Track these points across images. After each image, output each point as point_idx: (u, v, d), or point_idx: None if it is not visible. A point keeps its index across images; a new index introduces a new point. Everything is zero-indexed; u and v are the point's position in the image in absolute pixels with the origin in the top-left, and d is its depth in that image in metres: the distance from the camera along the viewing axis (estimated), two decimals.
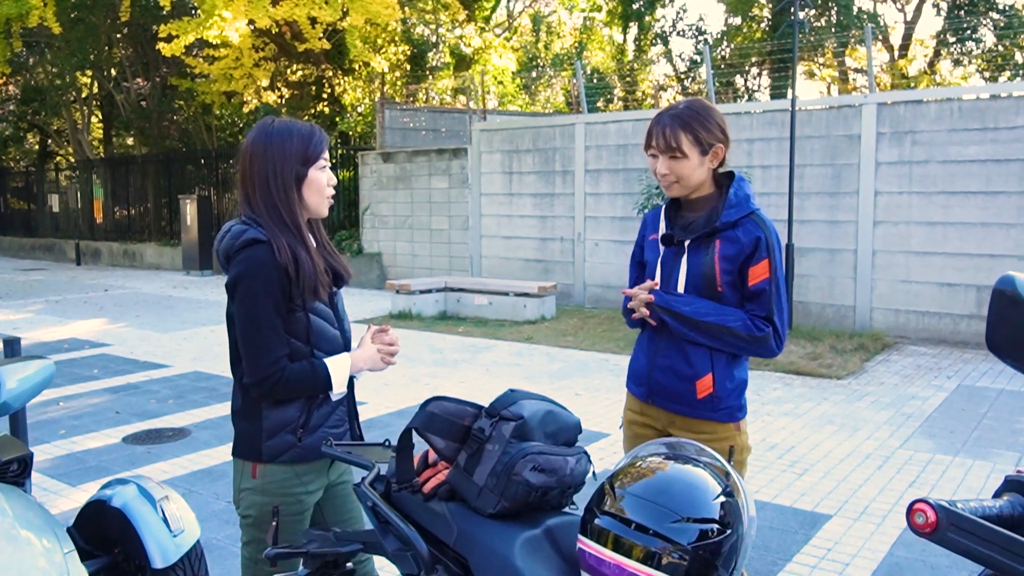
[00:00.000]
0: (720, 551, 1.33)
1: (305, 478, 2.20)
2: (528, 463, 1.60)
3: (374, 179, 14.65)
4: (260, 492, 2.18)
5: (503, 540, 1.55)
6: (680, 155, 2.28)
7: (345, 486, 2.38)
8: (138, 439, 5.69)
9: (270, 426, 2.17)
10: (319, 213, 2.23)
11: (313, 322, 2.17)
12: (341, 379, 2.19)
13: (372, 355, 2.27)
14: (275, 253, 2.08)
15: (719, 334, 2.26)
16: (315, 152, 2.17)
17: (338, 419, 2.25)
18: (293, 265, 2.09)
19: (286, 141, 2.15)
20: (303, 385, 2.14)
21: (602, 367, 7.95)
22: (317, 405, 2.20)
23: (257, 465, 2.18)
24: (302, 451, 2.17)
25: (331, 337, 2.22)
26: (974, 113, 8.88)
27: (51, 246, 22.00)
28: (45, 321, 10.99)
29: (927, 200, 9.18)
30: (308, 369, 2.14)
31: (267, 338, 2.10)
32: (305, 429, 2.17)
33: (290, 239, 2.12)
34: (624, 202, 11.44)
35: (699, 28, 23.14)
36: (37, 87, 22.30)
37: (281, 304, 2.11)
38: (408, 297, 11.02)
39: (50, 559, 2.27)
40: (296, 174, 2.15)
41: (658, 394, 2.40)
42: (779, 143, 9.71)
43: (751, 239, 2.28)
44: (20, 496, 2.61)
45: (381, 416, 6.23)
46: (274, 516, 2.12)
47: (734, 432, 2.37)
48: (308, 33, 14.92)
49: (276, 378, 2.10)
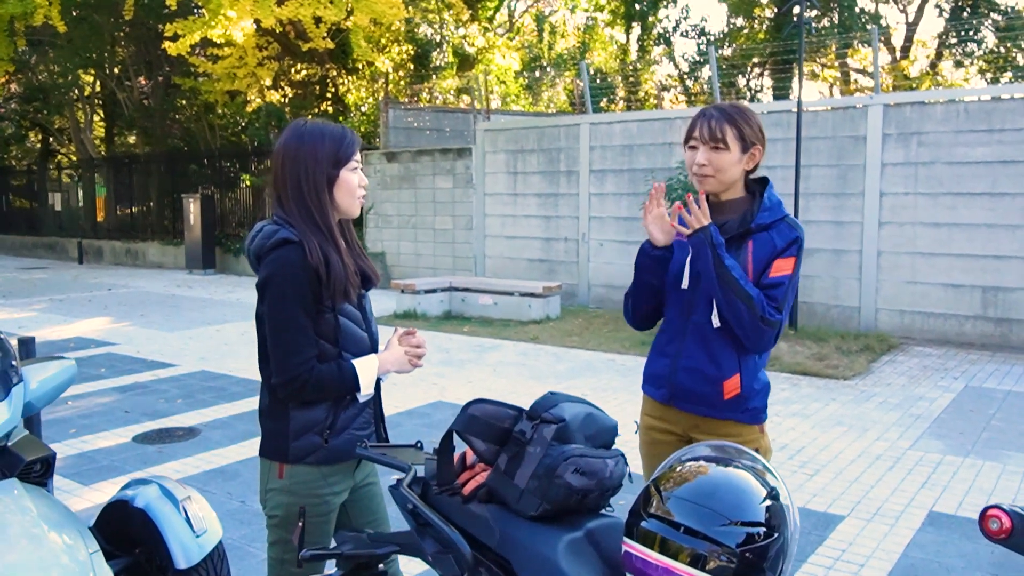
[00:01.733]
0: (767, 554, 1.34)
1: (331, 479, 2.21)
2: (570, 466, 1.61)
3: (378, 179, 14.66)
4: (286, 493, 2.18)
5: (547, 542, 1.56)
6: (723, 147, 2.29)
7: (370, 488, 2.39)
8: (148, 439, 5.69)
9: (297, 427, 2.17)
10: (350, 214, 2.25)
11: (342, 324, 2.18)
12: (368, 381, 2.19)
13: (399, 357, 2.28)
14: (306, 254, 2.09)
15: (740, 297, 2.22)
16: (346, 154, 2.18)
17: (364, 421, 2.26)
18: (324, 267, 2.10)
19: (318, 143, 2.15)
20: (330, 386, 2.14)
21: (608, 367, 7.96)
22: (344, 407, 2.20)
23: (284, 466, 2.19)
24: (328, 453, 2.18)
25: (359, 339, 2.23)
26: (980, 115, 8.90)
27: (53, 245, 22.00)
28: (50, 320, 10.99)
29: (933, 201, 9.19)
30: (336, 371, 2.14)
31: (296, 339, 2.10)
32: (332, 430, 2.17)
33: (321, 240, 2.13)
34: (629, 202, 11.44)
35: (702, 29, 23.14)
36: (40, 86, 22.28)
37: (311, 305, 2.11)
38: (413, 297, 11.03)
39: (74, 558, 2.28)
40: (328, 176, 2.16)
41: (681, 396, 2.38)
42: (784, 144, 9.71)
43: (786, 239, 2.30)
44: (44, 496, 2.62)
45: (390, 416, 6.22)
46: (300, 517, 2.12)
47: (758, 435, 2.37)
48: (312, 32, 14.91)
49: (304, 379, 2.10)
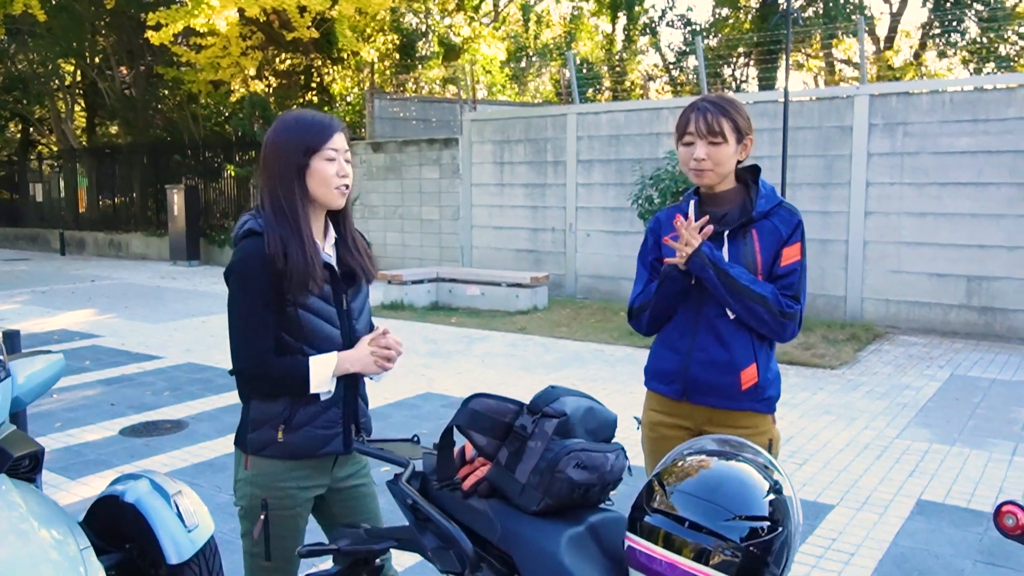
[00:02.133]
0: (771, 548, 1.33)
1: (297, 474, 2.16)
2: (571, 460, 1.60)
3: (364, 169, 14.58)
4: (250, 484, 2.17)
5: (549, 537, 1.55)
6: (721, 140, 2.28)
7: (357, 489, 2.31)
8: (136, 432, 5.65)
9: (256, 418, 2.15)
10: (330, 204, 2.16)
11: (304, 318, 2.10)
12: (321, 379, 2.10)
13: (363, 356, 2.15)
14: (266, 245, 2.06)
15: (755, 301, 2.22)
16: (317, 141, 2.09)
17: (329, 420, 2.17)
18: (282, 258, 2.05)
19: (291, 131, 2.11)
20: (281, 381, 2.10)
21: (597, 358, 7.97)
22: (304, 403, 2.12)
23: (248, 456, 2.18)
24: (283, 448, 2.13)
25: (326, 335, 2.14)
26: (965, 105, 8.94)
27: (35, 236, 21.77)
28: (33, 312, 10.88)
29: (918, 191, 9.24)
30: (288, 366, 2.09)
31: (249, 330, 2.07)
32: (287, 426, 2.12)
33: (284, 231, 2.08)
34: (616, 192, 11.44)
35: (688, 19, 23.13)
36: (19, 75, 22.00)
37: (270, 297, 2.07)
38: (400, 287, 10.99)
39: (65, 554, 2.25)
40: (298, 165, 2.10)
41: (696, 390, 2.35)
42: (771, 134, 9.73)
43: (790, 225, 2.31)
44: (33, 492, 2.59)
45: (380, 408, 6.21)
46: (263, 509, 2.11)
47: (771, 424, 2.38)
48: (296, 22, 14.78)
49: (254, 371, 2.08)
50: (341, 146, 2.14)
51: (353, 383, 2.22)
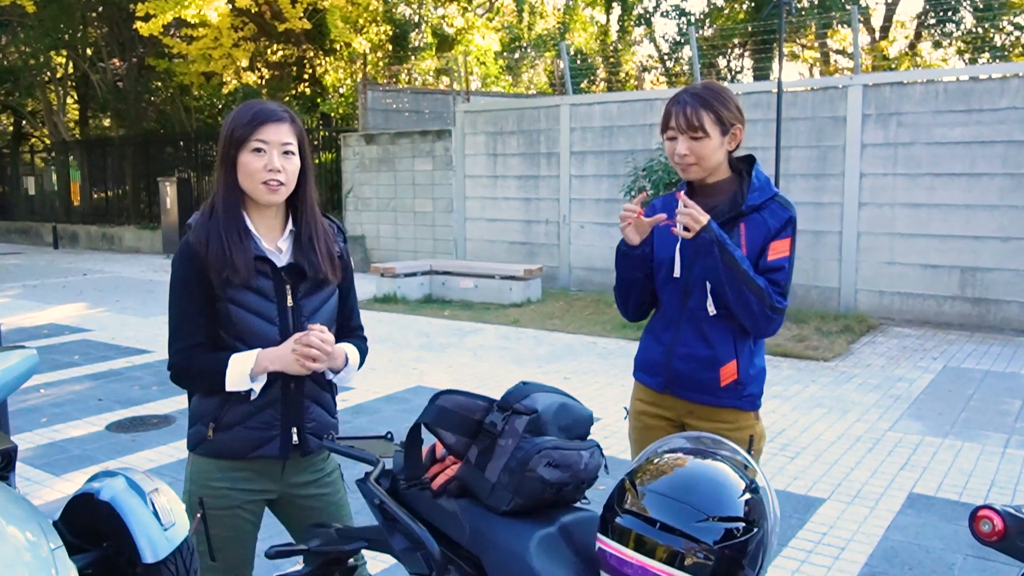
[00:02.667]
0: (746, 550, 1.29)
1: (233, 475, 2.09)
2: (543, 459, 1.55)
3: (356, 161, 14.50)
4: (189, 480, 2.15)
5: (518, 539, 1.50)
6: (702, 134, 2.22)
7: (320, 498, 2.20)
8: (122, 427, 5.60)
9: (192, 414, 2.13)
10: (259, 200, 2.05)
11: (235, 313, 2.03)
12: (237, 377, 2.00)
13: (283, 355, 2.01)
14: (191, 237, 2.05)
15: (751, 290, 2.17)
16: (241, 135, 2.01)
17: (263, 422, 2.07)
18: (204, 248, 2.01)
19: (225, 123, 2.07)
20: (201, 377, 2.05)
21: (590, 350, 7.93)
22: (236, 401, 2.04)
23: (189, 452, 2.16)
24: (214, 446, 2.08)
25: (260, 332, 2.04)
26: (958, 95, 8.89)
27: (27, 230, 21.65)
28: (23, 306, 10.80)
29: (912, 182, 9.19)
30: (209, 361, 2.03)
31: (177, 325, 2.06)
32: (217, 424, 2.06)
33: (210, 223, 2.04)
34: (610, 184, 11.38)
35: (682, 9, 23.05)
36: (10, 67, 21.83)
37: (197, 291, 2.03)
38: (393, 280, 10.93)
39: (36, 555, 2.20)
40: (228, 157, 2.04)
41: (677, 383, 2.33)
42: (764, 124, 9.68)
43: (780, 220, 2.25)
44: (4, 490, 2.54)
45: (370, 402, 6.17)
46: (200, 507, 2.07)
47: (753, 420, 2.33)
48: (288, 12, 14.69)
49: (178, 367, 2.05)
50: (274, 138, 2.01)
51: (297, 384, 2.08)
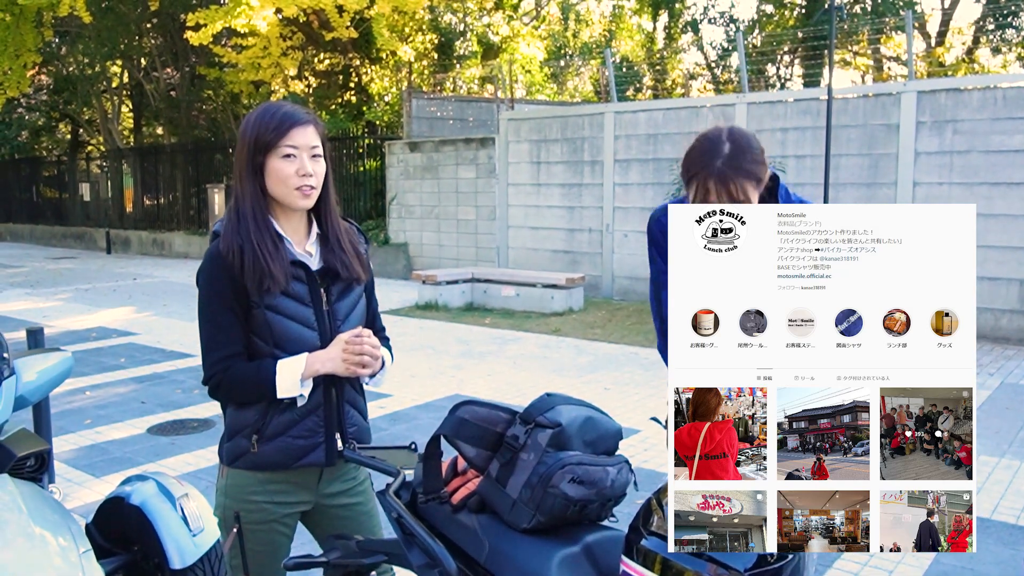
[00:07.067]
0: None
1: (272, 487, 2.04)
2: (566, 474, 1.48)
3: (401, 169, 14.57)
4: (224, 495, 2.09)
5: (538, 559, 1.42)
6: (744, 199, 2.08)
7: (351, 508, 2.15)
8: (163, 430, 5.65)
9: (230, 427, 2.05)
10: (292, 205, 1.99)
11: (273, 320, 1.97)
12: (290, 383, 1.95)
13: (333, 357, 1.97)
14: (221, 246, 1.96)
15: None
16: (270, 139, 1.94)
17: (307, 429, 2.01)
18: (238, 257, 1.94)
19: (248, 128, 1.99)
20: (246, 387, 1.97)
21: (631, 361, 7.81)
22: (279, 410, 1.99)
23: (224, 466, 2.08)
24: (257, 459, 2.01)
25: (299, 338, 1.99)
26: (1018, 102, 8.59)
27: (82, 235, 22.21)
28: (73, 309, 11.04)
29: (968, 191, 8.90)
30: (252, 370, 1.96)
31: (211, 336, 1.98)
32: (261, 435, 1.99)
33: (240, 230, 1.96)
34: (654, 192, 11.24)
35: (730, 16, 22.79)
36: (68, 77, 22.47)
37: (232, 300, 1.96)
38: (434, 288, 10.93)
39: (65, 558, 2.19)
40: (253, 163, 1.97)
41: None
42: (814, 132, 9.47)
43: None
44: (37, 493, 2.54)
45: (407, 409, 6.14)
46: (236, 522, 2.01)
47: None
48: (335, 21, 14.84)
49: (217, 379, 1.98)
50: (303, 142, 1.96)
51: (337, 388, 2.05)
